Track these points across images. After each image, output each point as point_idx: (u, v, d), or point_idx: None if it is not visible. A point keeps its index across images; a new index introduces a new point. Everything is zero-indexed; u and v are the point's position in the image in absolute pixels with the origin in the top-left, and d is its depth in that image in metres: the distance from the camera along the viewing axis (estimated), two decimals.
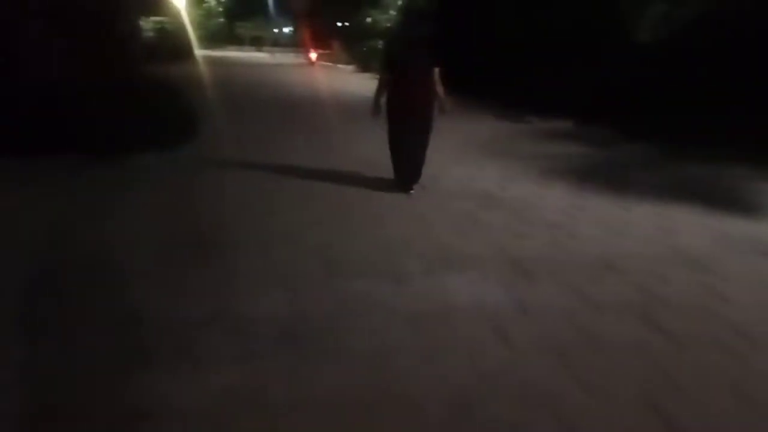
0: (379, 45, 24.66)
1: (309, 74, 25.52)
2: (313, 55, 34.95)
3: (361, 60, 27.87)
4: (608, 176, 6.94)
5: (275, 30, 63.59)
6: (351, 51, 31.31)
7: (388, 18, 27.39)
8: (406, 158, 5.90)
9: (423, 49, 5.73)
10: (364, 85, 16.37)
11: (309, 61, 34.41)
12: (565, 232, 4.86)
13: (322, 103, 14.29)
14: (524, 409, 2.43)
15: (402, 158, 5.92)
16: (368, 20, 30.07)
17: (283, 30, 62.84)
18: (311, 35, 38.32)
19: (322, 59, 35.76)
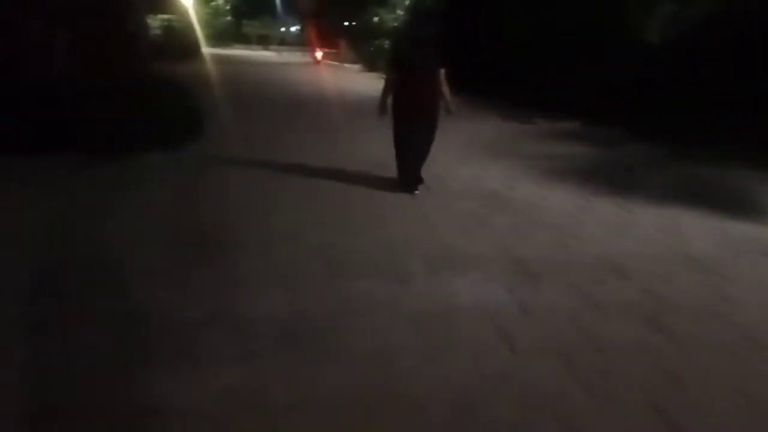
0: (386, 44, 24.68)
1: (315, 73, 25.53)
2: (318, 54, 34.92)
3: (367, 59, 27.84)
4: (613, 177, 6.91)
5: (282, 29, 63.73)
6: (358, 50, 31.29)
7: (395, 17, 27.35)
8: (412, 158, 5.89)
9: (430, 48, 5.72)
10: (370, 85, 16.37)
11: (314, 60, 34.40)
12: (569, 232, 4.84)
13: (328, 102, 14.28)
14: (526, 411, 2.42)
15: (407, 159, 5.90)
16: (375, 20, 30.04)
17: (291, 29, 62.98)
18: (318, 34, 38.31)
19: (329, 58, 35.76)
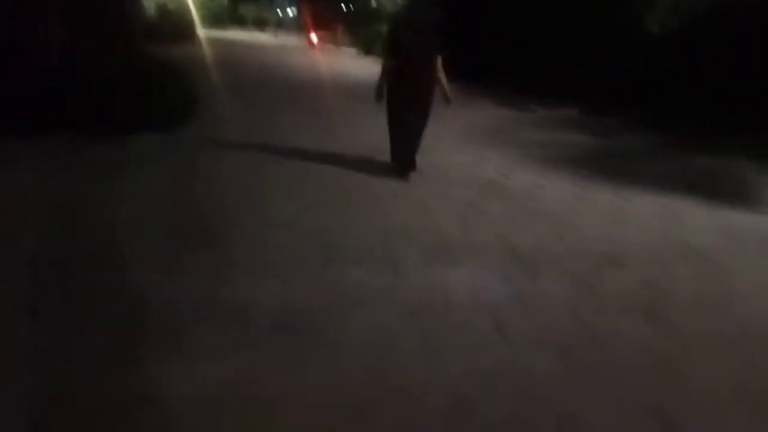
0: (384, 29, 24.45)
1: (312, 57, 25.26)
2: (313, 37, 34.52)
3: (364, 44, 27.59)
4: (611, 166, 6.83)
5: (279, 12, 63.11)
6: (355, 34, 31.01)
7: (393, 2, 27.08)
8: (406, 144, 5.80)
9: (428, 34, 5.61)
10: (366, 69, 16.18)
11: (309, 43, 34.01)
12: (566, 221, 4.77)
13: (323, 86, 14.11)
14: (523, 407, 2.36)
15: (401, 144, 5.82)
16: (373, 4, 29.79)
17: (287, 12, 62.36)
18: (315, 18, 37.88)
19: (326, 42, 35.40)
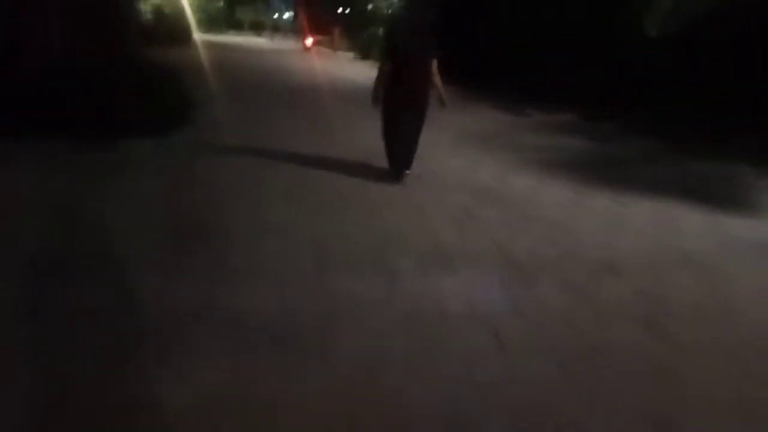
0: (380, 32, 24.40)
1: (308, 61, 25.22)
2: (308, 41, 34.46)
3: (361, 47, 27.59)
4: (609, 171, 6.79)
5: (276, 15, 63.07)
6: (351, 38, 31.02)
7: (389, 5, 27.09)
8: (402, 146, 5.78)
9: (425, 38, 5.62)
10: (363, 73, 16.18)
11: (304, 47, 33.94)
12: (563, 228, 4.72)
13: (320, 89, 14.07)
14: (521, 421, 2.30)
15: (396, 147, 5.80)
16: (369, 7, 29.78)
17: (284, 16, 62.34)
18: (311, 21, 37.84)
19: (322, 45, 35.36)
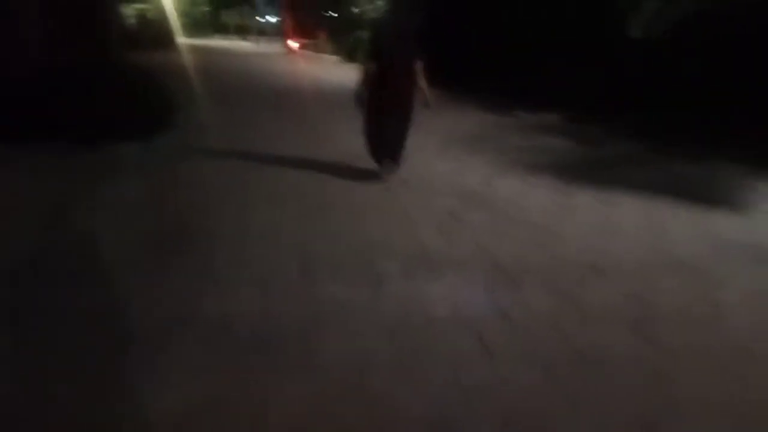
0: (365, 36, 24.35)
1: (294, 64, 25.13)
2: (293, 44, 34.35)
3: (346, 51, 27.53)
4: (596, 173, 6.76)
5: (261, 19, 62.89)
6: (337, 41, 30.95)
7: (374, 8, 27.06)
8: (387, 148, 5.83)
9: (410, 40, 5.61)
10: (348, 76, 16.09)
11: (289, 50, 33.83)
12: (550, 231, 4.67)
13: (305, 92, 14.02)
14: (508, 428, 2.23)
15: (381, 149, 5.85)
16: (355, 11, 29.72)
17: (269, 19, 62.17)
18: (297, 25, 37.83)
19: (308, 49, 35.27)
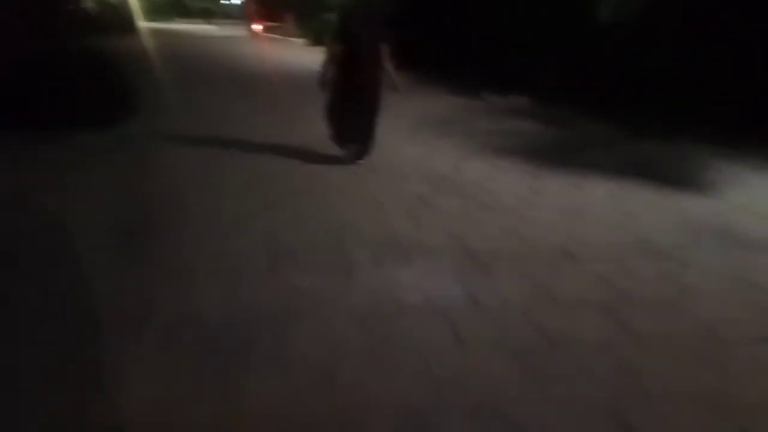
0: (333, 19, 24.00)
1: (259, 48, 24.70)
2: (257, 27, 33.77)
3: (314, 34, 27.11)
4: (566, 156, 6.78)
5: (226, 2, 61.62)
6: (303, 25, 30.46)
7: None
8: (351, 129, 5.80)
9: (377, 23, 5.53)
10: (314, 60, 15.85)
11: (252, 34, 33.26)
12: (521, 216, 4.65)
13: (271, 76, 13.77)
14: (479, 419, 2.20)
15: (341, 127, 5.83)
16: None
17: (233, 2, 60.93)
18: (263, 8, 37.07)
19: (275, 32, 34.68)
